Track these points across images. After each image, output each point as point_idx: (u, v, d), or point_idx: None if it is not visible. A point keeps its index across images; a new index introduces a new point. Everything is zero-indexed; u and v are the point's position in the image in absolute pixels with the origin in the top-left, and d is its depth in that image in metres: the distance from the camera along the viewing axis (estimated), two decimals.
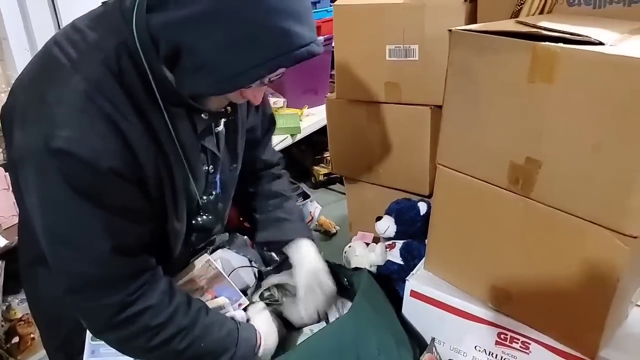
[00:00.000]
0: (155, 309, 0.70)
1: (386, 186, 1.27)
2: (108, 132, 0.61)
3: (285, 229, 0.95)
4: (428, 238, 0.93)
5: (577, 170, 0.66)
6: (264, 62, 0.59)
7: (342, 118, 1.27)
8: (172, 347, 0.72)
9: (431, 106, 1.09)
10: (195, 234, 0.82)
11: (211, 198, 0.81)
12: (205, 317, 0.76)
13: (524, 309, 0.80)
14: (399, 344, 0.84)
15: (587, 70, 0.61)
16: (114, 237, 0.66)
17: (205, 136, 0.77)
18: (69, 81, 0.61)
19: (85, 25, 0.66)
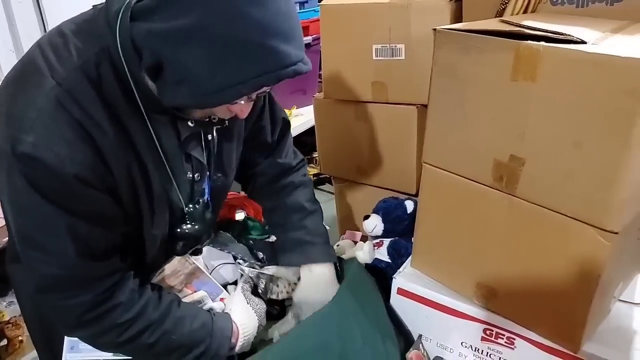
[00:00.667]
0: (123, 306, 0.70)
1: (374, 185, 1.27)
2: (76, 139, 0.61)
3: (307, 253, 0.91)
4: (414, 236, 0.93)
5: (560, 167, 0.66)
6: (247, 80, 0.58)
7: (330, 118, 1.27)
8: (142, 341, 0.72)
9: (418, 105, 1.10)
10: (182, 243, 0.81)
11: (197, 207, 0.80)
12: (177, 310, 0.76)
13: (509, 305, 0.81)
14: (384, 336, 0.85)
15: (569, 68, 0.62)
16: (79, 241, 0.65)
17: (189, 143, 0.75)
18: (42, 85, 0.61)
19: (69, 30, 0.65)
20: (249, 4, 0.55)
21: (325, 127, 1.31)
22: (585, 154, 0.63)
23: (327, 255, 0.92)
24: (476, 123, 0.74)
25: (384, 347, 0.82)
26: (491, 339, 0.84)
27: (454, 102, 0.76)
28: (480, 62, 0.71)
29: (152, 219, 0.73)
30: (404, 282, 0.92)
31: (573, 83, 0.62)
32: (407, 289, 0.91)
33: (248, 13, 0.55)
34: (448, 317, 0.87)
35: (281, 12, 0.58)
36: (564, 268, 0.71)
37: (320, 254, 0.91)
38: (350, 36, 1.12)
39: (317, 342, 0.78)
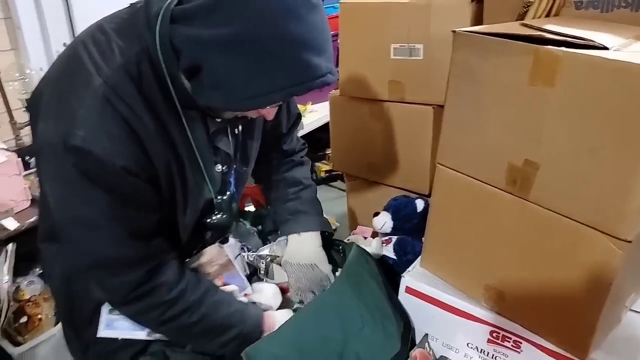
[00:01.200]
0: (167, 286, 0.75)
1: (386, 184, 1.27)
2: (122, 133, 0.65)
3: (300, 222, 0.98)
4: (425, 236, 0.94)
5: (574, 173, 0.66)
6: (279, 90, 0.62)
7: (345, 115, 1.28)
8: (182, 321, 0.76)
9: (434, 105, 1.10)
10: (210, 233, 0.85)
11: (225, 198, 0.84)
12: (214, 294, 0.81)
13: (517, 308, 0.81)
14: (383, 317, 0.86)
15: (588, 74, 0.61)
16: (130, 223, 0.70)
17: (217, 137, 0.79)
18: (90, 83, 0.65)
19: (111, 28, 0.69)
20: (288, 19, 0.58)
21: (339, 124, 1.32)
22: (600, 161, 0.63)
23: (318, 224, 0.99)
24: (492, 126, 0.74)
25: (383, 326, 0.84)
26: (497, 342, 0.84)
27: (470, 104, 0.76)
28: (499, 66, 0.71)
29: (184, 209, 0.77)
30: (413, 281, 0.92)
31: (592, 89, 0.62)
32: (416, 288, 0.92)
33: (287, 28, 0.58)
34: (455, 318, 0.87)
35: (317, 27, 0.61)
36: (575, 274, 0.71)
37: (312, 223, 0.98)
38: (369, 35, 1.13)
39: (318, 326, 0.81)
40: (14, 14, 1.56)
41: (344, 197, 1.50)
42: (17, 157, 1.24)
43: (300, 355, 0.78)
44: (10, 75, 1.49)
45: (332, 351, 0.80)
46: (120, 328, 0.81)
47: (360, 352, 0.82)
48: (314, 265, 0.96)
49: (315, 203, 1.04)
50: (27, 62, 1.58)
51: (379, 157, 1.25)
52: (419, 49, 1.06)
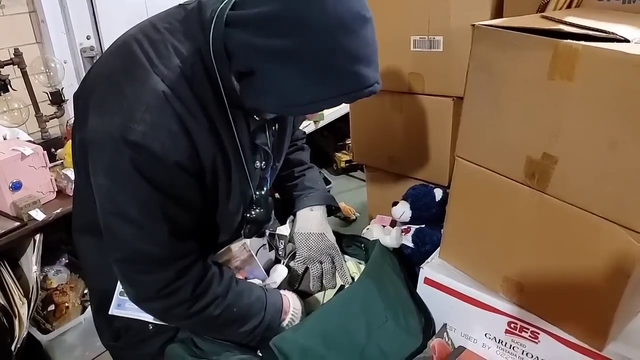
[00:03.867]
0: (194, 282, 0.77)
1: (406, 175, 1.28)
2: (178, 130, 0.68)
3: (310, 197, 1.03)
4: (444, 228, 0.95)
5: (593, 167, 0.67)
6: (329, 99, 0.65)
7: (365, 107, 1.28)
8: (208, 314, 0.79)
9: (454, 98, 1.10)
10: (249, 227, 0.89)
11: (262, 193, 0.88)
12: (236, 285, 0.83)
13: (535, 300, 0.82)
14: (405, 312, 0.88)
15: (607, 68, 0.61)
16: (172, 222, 0.72)
17: (257, 134, 0.82)
18: (147, 80, 0.68)
19: (164, 28, 0.72)
20: (343, 34, 0.61)
21: (359, 116, 1.33)
22: (619, 155, 0.63)
23: (324, 198, 1.06)
24: (511, 119, 0.75)
25: (405, 321, 0.86)
26: (515, 332, 0.85)
27: (489, 97, 0.77)
28: (518, 59, 0.71)
29: (227, 205, 0.80)
30: (431, 272, 0.94)
31: (611, 83, 0.62)
32: (434, 279, 0.94)
33: (341, 42, 0.61)
34: (473, 309, 0.89)
35: (368, 41, 0.64)
36: (593, 267, 0.71)
37: (319, 197, 1.04)
38: (389, 27, 1.13)
39: (343, 317, 0.83)
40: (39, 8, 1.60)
41: (364, 187, 1.51)
42: (43, 150, 1.27)
43: (326, 345, 0.81)
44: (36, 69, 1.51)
45: (356, 343, 0.82)
46: (130, 309, 0.84)
47: (383, 345, 0.84)
48: (323, 235, 1.00)
49: (320, 180, 1.09)
50: (52, 56, 1.61)
51: (398, 149, 1.26)
52: (438, 41, 1.06)
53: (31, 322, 1.29)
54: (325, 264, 0.98)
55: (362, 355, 0.82)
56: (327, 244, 0.99)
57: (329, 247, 0.99)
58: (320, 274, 0.98)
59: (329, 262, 0.99)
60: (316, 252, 0.98)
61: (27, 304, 1.26)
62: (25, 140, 1.40)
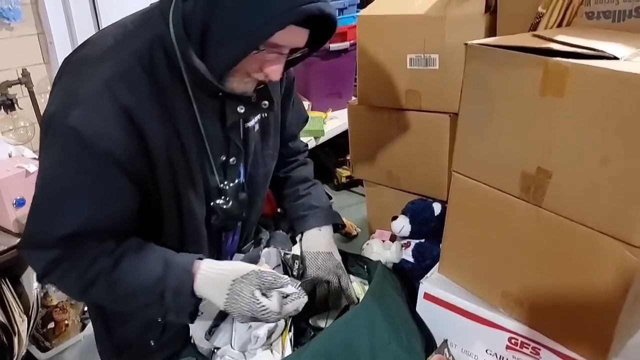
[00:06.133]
0: (84, 267, 0.73)
1: (405, 190, 1.29)
2: (116, 119, 0.68)
3: (317, 216, 1.03)
4: (442, 243, 0.95)
5: (586, 181, 0.67)
6: (272, 19, 0.64)
7: (363, 123, 1.31)
8: (104, 283, 0.74)
9: (450, 114, 1.11)
10: (215, 216, 0.87)
11: (232, 185, 0.87)
12: (135, 252, 0.76)
13: (535, 315, 0.82)
14: (409, 334, 0.88)
15: (596, 85, 0.63)
16: (84, 216, 0.70)
17: (232, 130, 0.83)
18: (97, 67, 0.70)
19: (128, 21, 0.75)
20: None
21: (358, 133, 1.35)
22: (611, 169, 0.64)
23: (331, 217, 1.05)
24: (505, 135, 0.76)
25: (409, 344, 0.85)
26: (516, 348, 0.85)
27: (483, 113, 0.78)
28: (510, 76, 0.72)
29: (190, 194, 0.79)
30: (431, 287, 0.94)
31: (600, 99, 0.63)
32: (434, 294, 0.94)
33: None
34: (473, 324, 0.89)
35: None
36: (591, 281, 0.72)
37: (326, 217, 1.04)
38: (386, 45, 1.15)
39: (347, 338, 0.82)
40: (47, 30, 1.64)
41: (364, 202, 1.52)
42: None
43: None
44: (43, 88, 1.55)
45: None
46: None
47: None
48: (331, 254, 1.00)
49: (325, 198, 1.09)
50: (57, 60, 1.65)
51: (397, 164, 1.27)
52: (434, 59, 1.08)
53: (30, 339, 1.28)
54: (332, 284, 0.98)
55: None
56: (335, 263, 0.99)
57: (336, 266, 0.99)
58: (327, 294, 0.98)
59: (336, 282, 0.98)
60: (324, 271, 0.97)
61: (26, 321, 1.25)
62: (30, 158, 1.42)
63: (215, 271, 0.75)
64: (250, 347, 0.90)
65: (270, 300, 0.73)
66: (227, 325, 0.90)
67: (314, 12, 0.65)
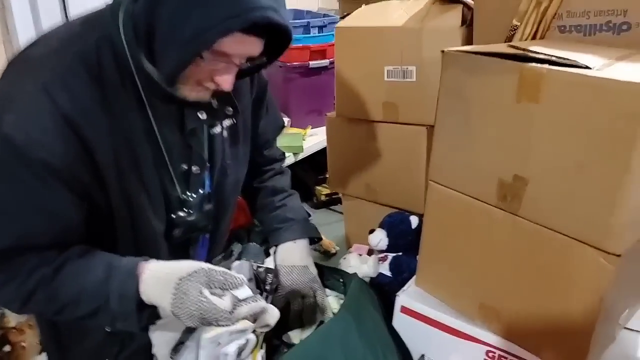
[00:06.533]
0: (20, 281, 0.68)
1: (383, 204, 1.28)
2: (54, 127, 0.63)
3: (292, 230, 0.99)
4: (419, 254, 0.94)
5: (562, 188, 0.67)
6: (215, 25, 0.60)
7: (341, 136, 1.30)
8: (40, 295, 0.69)
9: (427, 126, 1.11)
10: (177, 230, 0.82)
11: (195, 196, 0.82)
12: (75, 260, 0.70)
13: (513, 327, 0.80)
14: (384, 349, 0.85)
15: (571, 91, 0.63)
16: (22, 234, 0.66)
17: (193, 137, 0.78)
18: (37, 69, 0.65)
19: (79, 21, 0.70)
20: None
21: (336, 145, 1.34)
22: (586, 175, 0.64)
23: (307, 230, 1.02)
24: (481, 143, 0.76)
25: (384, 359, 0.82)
26: None
27: (459, 122, 0.78)
28: (486, 83, 0.73)
29: (145, 205, 0.74)
30: (408, 300, 0.92)
31: (575, 106, 0.63)
32: (411, 307, 0.91)
33: None
34: (451, 338, 0.87)
35: None
36: (567, 290, 0.71)
37: (302, 230, 1.00)
38: (364, 57, 1.16)
39: (320, 354, 0.78)
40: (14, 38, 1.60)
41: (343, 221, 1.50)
42: None
43: None
44: None
45: None
46: None
47: None
48: (307, 267, 0.96)
49: (301, 210, 1.05)
50: None
51: (375, 177, 1.26)
52: (411, 71, 1.09)
53: None
54: (307, 299, 0.94)
55: None
56: (310, 277, 0.96)
57: (311, 280, 0.96)
58: (301, 309, 0.94)
59: (311, 296, 0.94)
60: (299, 285, 0.94)
61: None
62: None
63: (161, 271, 0.69)
64: None
65: (222, 299, 0.68)
66: (194, 342, 0.85)
67: (259, 21, 0.61)
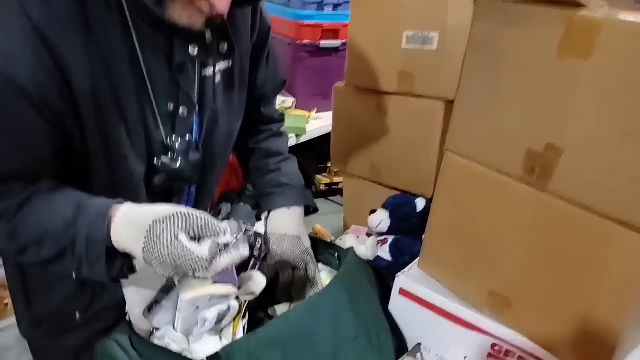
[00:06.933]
0: None
1: (387, 186, 1.19)
2: (23, 39, 0.55)
3: (286, 195, 0.91)
4: (425, 233, 0.85)
5: (604, 160, 0.58)
6: None
7: (349, 108, 1.20)
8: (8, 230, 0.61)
9: (445, 101, 1.02)
10: (159, 176, 0.73)
11: (180, 141, 0.73)
12: (42, 196, 0.63)
13: (525, 319, 0.71)
14: (378, 330, 0.76)
15: (632, 44, 0.54)
16: None
17: (182, 73, 0.69)
18: None
19: None
20: None
21: (342, 118, 1.24)
22: (635, 145, 0.55)
23: (302, 197, 0.94)
24: (512, 106, 0.67)
25: (378, 340, 0.73)
26: (499, 357, 0.74)
27: (488, 82, 0.69)
28: (523, 36, 0.63)
29: (126, 146, 0.66)
30: (408, 282, 0.83)
31: (634, 62, 0.54)
32: (410, 290, 0.82)
33: None
34: (452, 326, 0.78)
35: None
36: (596, 280, 0.62)
37: (297, 197, 0.93)
38: (381, 21, 1.06)
39: (308, 328, 0.69)
40: None
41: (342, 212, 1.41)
42: None
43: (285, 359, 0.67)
44: None
45: (321, 358, 0.69)
46: None
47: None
48: (299, 238, 0.87)
49: (298, 176, 0.97)
50: None
51: (381, 156, 1.17)
52: (433, 37, 1.00)
53: None
54: (298, 271, 0.86)
55: None
56: (302, 248, 0.87)
57: (303, 251, 0.87)
58: (291, 281, 0.85)
59: (303, 269, 0.86)
60: (290, 256, 0.86)
61: None
62: None
63: (134, 212, 0.61)
64: (196, 331, 0.76)
65: (200, 246, 0.59)
66: (170, 303, 0.76)
67: None
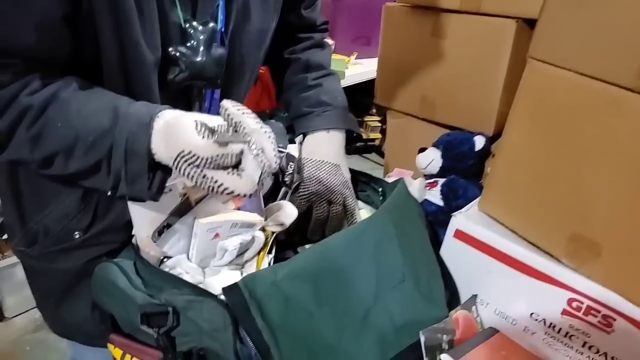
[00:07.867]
0: None
1: (439, 123, 1.04)
2: None
3: (325, 117, 0.79)
4: (491, 165, 0.71)
5: None
6: None
7: (400, 31, 1.05)
8: (21, 130, 0.52)
9: (517, 19, 0.85)
10: (177, 69, 0.61)
11: (202, 28, 0.61)
12: (74, 92, 0.54)
13: (617, 270, 0.57)
14: (429, 275, 0.64)
15: None
16: None
17: None
18: None
19: None
20: None
21: (391, 44, 1.09)
22: None
23: (344, 120, 0.81)
24: None
25: (428, 286, 0.62)
26: (577, 315, 0.60)
27: None
28: None
29: (131, 28, 0.55)
30: (466, 222, 0.69)
31: None
32: (469, 232, 0.69)
33: None
34: (518, 276, 0.64)
35: None
36: None
37: (338, 119, 0.81)
38: None
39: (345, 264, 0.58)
40: None
41: (377, 171, 1.27)
42: None
43: (317, 299, 0.56)
44: None
45: (358, 302, 0.58)
46: None
47: (393, 310, 0.60)
48: (339, 167, 0.75)
49: (341, 94, 0.84)
50: None
51: (435, 86, 1.02)
52: None
53: None
54: (335, 205, 0.74)
55: (365, 322, 0.57)
56: (342, 179, 0.76)
57: (342, 183, 0.75)
58: (326, 218, 0.74)
59: (340, 204, 0.75)
60: (327, 187, 0.74)
61: None
62: None
63: (176, 121, 0.51)
64: (213, 263, 0.66)
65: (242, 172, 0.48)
66: (185, 227, 0.66)
67: None
